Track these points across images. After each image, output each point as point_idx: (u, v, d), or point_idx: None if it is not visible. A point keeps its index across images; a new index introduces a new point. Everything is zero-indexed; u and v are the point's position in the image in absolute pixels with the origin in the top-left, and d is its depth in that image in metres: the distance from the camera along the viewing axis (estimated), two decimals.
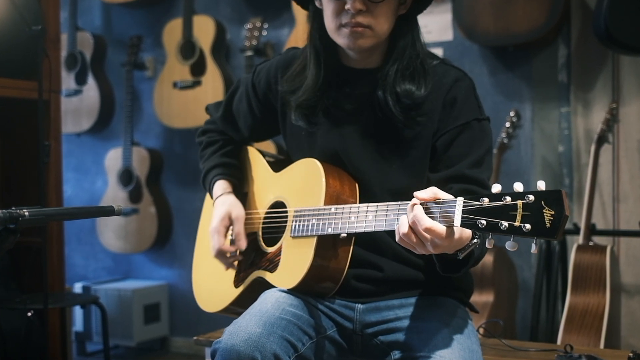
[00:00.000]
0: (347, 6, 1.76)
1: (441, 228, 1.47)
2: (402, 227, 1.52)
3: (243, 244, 2.00)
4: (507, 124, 3.58)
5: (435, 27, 3.75)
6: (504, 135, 3.57)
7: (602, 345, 3.08)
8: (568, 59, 3.63)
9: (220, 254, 2.02)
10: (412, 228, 1.50)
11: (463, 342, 1.71)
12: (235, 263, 2.04)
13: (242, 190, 2.12)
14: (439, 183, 1.75)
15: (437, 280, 1.83)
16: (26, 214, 1.47)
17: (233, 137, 2.16)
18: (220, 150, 2.14)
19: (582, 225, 3.32)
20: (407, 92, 1.80)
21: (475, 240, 1.54)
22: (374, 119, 1.85)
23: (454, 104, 1.82)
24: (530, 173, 3.72)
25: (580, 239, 3.32)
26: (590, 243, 3.32)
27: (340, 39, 1.82)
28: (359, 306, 1.84)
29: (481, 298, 3.41)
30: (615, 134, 3.50)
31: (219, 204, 2.04)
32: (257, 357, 1.62)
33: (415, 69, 1.82)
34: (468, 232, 1.53)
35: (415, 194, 1.51)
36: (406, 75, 1.82)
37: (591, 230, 3.33)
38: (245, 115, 2.08)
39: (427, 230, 1.47)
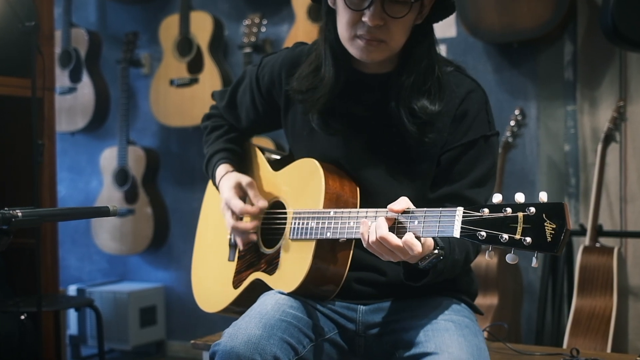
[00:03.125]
0: (365, 19, 1.70)
1: (394, 238, 1.53)
2: (370, 235, 1.59)
3: (263, 202, 1.93)
4: (512, 123, 3.54)
5: (438, 23, 3.70)
6: (508, 134, 3.53)
7: (609, 349, 3.07)
8: (574, 56, 3.59)
9: (237, 229, 1.93)
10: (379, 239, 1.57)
11: (471, 339, 1.70)
12: (253, 237, 1.95)
13: None
14: (436, 201, 1.76)
15: (440, 282, 1.80)
16: (19, 214, 1.47)
17: (236, 127, 2.13)
18: (225, 136, 2.11)
19: (589, 227, 3.30)
20: (423, 108, 1.76)
21: (436, 252, 1.57)
22: (382, 128, 1.82)
23: (463, 118, 1.78)
24: (536, 172, 3.68)
25: (586, 240, 3.30)
26: (597, 244, 3.29)
27: (353, 49, 1.76)
28: (362, 307, 1.84)
29: (485, 301, 3.38)
30: (622, 133, 3.47)
31: (225, 180, 1.99)
32: (257, 359, 1.61)
33: (432, 84, 1.78)
34: (430, 242, 1.57)
35: (390, 206, 1.58)
36: (422, 91, 1.77)
37: (598, 231, 3.31)
38: (247, 109, 2.06)
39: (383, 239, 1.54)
